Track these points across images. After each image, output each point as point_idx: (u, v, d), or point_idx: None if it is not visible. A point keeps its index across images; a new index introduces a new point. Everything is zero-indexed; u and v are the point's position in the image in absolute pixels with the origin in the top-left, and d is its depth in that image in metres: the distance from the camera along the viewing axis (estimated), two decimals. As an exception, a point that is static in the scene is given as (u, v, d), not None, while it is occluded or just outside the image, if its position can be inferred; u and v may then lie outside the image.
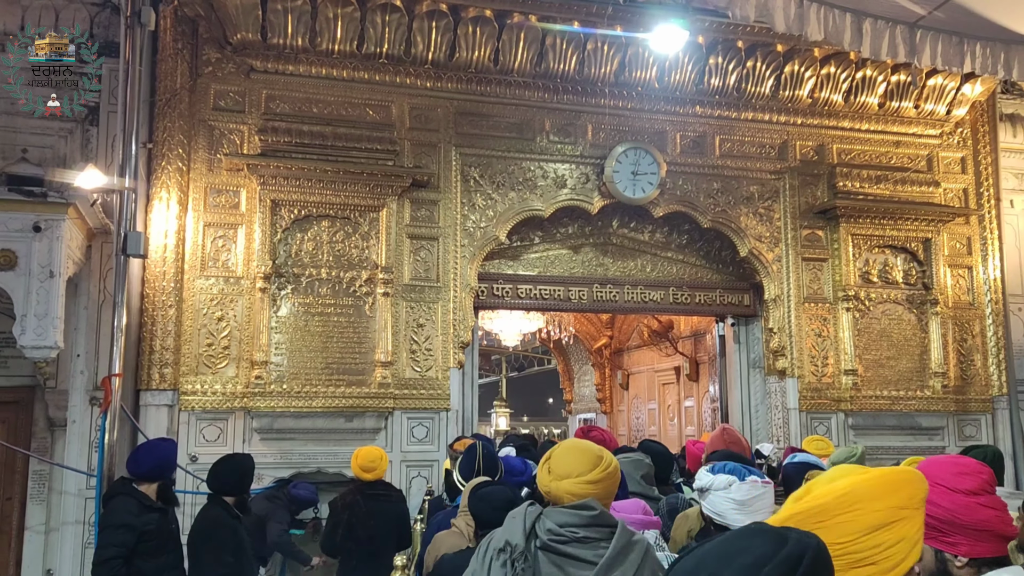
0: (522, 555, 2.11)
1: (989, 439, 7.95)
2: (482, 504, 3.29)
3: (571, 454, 2.31)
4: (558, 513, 2.16)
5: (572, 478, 2.23)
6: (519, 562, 2.10)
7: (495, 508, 3.13)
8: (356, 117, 6.93)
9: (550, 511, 2.19)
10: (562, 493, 2.23)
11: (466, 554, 3.27)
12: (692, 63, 7.40)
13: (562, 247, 7.77)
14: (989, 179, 8.23)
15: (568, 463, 2.27)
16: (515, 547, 2.14)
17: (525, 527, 2.17)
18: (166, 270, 6.34)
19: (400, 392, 6.70)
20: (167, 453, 4.81)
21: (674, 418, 11.00)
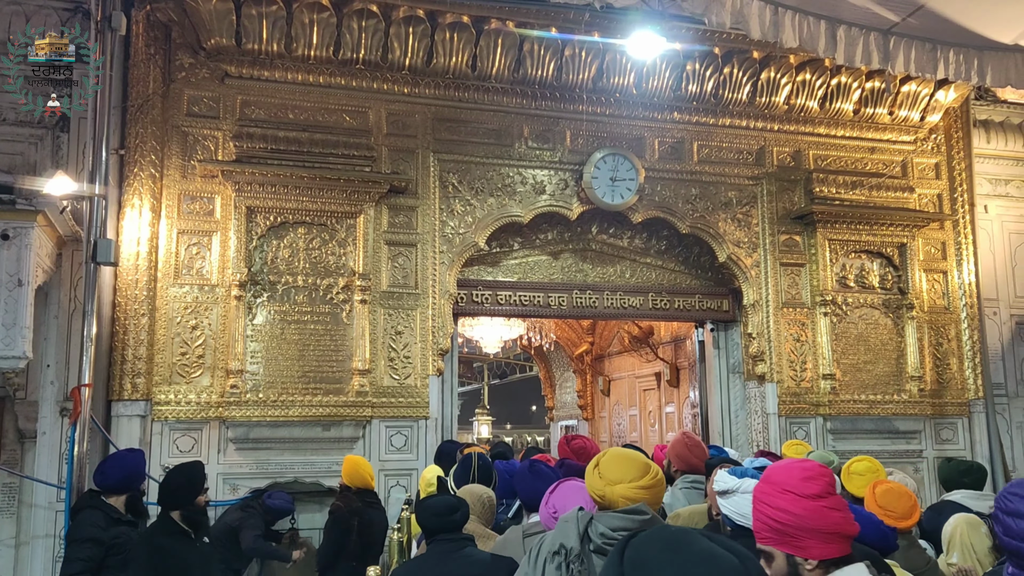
0: (577, 557, 2.18)
1: (965, 443, 8.01)
2: (424, 512, 3.28)
3: (621, 461, 2.40)
4: (610, 517, 2.23)
5: (625, 483, 2.31)
6: (575, 564, 2.17)
7: (436, 514, 3.18)
8: (333, 123, 6.88)
9: (601, 515, 2.26)
10: (616, 497, 2.29)
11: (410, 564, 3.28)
12: (669, 69, 7.42)
13: (542, 253, 7.75)
14: (963, 184, 8.30)
15: (619, 469, 2.35)
16: (570, 550, 2.21)
17: (579, 530, 2.24)
18: (138, 278, 6.25)
19: (378, 400, 6.64)
20: (134, 464, 4.69)
21: (655, 424, 10.98)
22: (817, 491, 1.87)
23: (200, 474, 4.46)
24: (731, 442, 7.85)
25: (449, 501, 3.30)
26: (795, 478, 1.89)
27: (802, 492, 1.86)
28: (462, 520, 3.24)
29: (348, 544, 5.22)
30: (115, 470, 4.53)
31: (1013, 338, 8.48)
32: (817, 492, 1.87)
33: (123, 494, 4.49)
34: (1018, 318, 8.53)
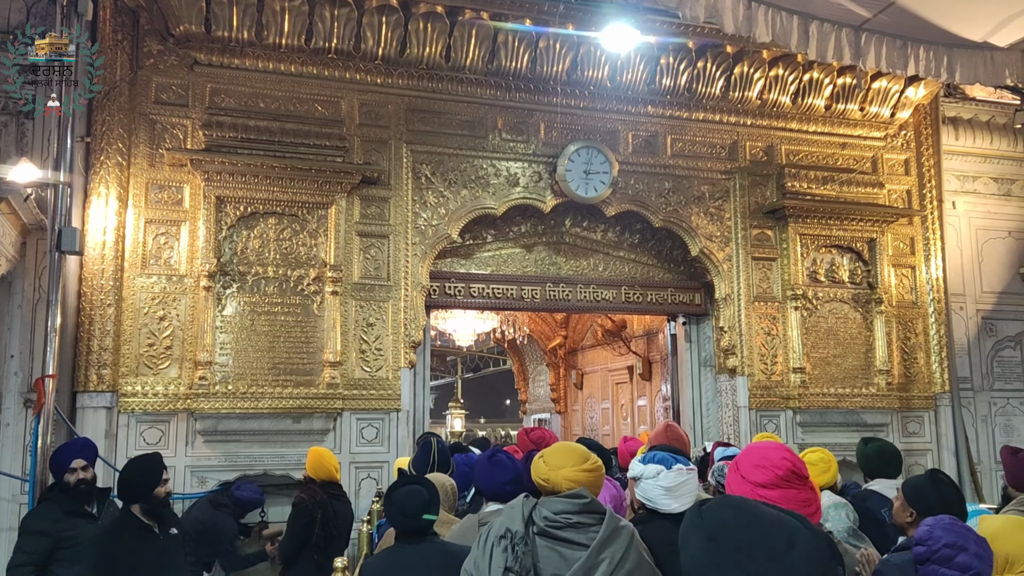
0: (522, 540, 2.33)
1: (932, 436, 8.12)
2: (393, 509, 3.25)
3: (563, 450, 2.64)
4: (553, 502, 2.40)
5: (568, 467, 2.52)
6: (519, 546, 2.32)
7: (405, 515, 3.18)
8: (304, 112, 6.81)
9: (545, 500, 2.42)
10: (561, 480, 2.49)
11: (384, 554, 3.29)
12: (644, 63, 7.42)
13: (515, 246, 7.74)
14: (932, 181, 8.40)
15: (561, 457, 2.57)
16: (515, 533, 2.36)
17: (524, 515, 2.40)
18: (105, 268, 6.15)
19: (349, 393, 6.60)
20: (54, 456, 4.63)
21: (627, 417, 11.04)
22: (762, 480, 1.97)
23: (157, 466, 4.34)
24: (702, 435, 7.90)
25: (421, 499, 3.22)
26: (749, 463, 2.03)
27: (748, 476, 2.00)
28: (430, 524, 3.22)
29: (312, 537, 5.17)
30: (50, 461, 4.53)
31: (979, 333, 8.61)
32: (761, 481, 1.97)
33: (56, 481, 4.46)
34: (984, 313, 8.66)
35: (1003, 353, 8.68)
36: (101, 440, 5.80)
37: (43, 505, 4.46)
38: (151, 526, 4.20)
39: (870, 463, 4.70)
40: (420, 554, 3.12)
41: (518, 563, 2.30)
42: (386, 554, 3.29)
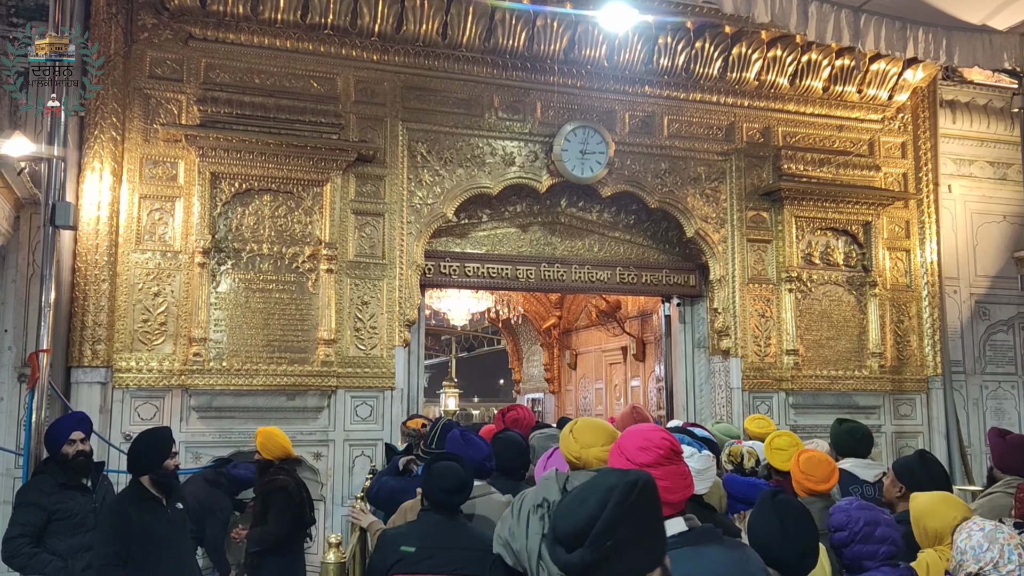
0: None
1: (923, 418, 8.17)
2: (432, 482, 3.30)
3: (593, 428, 2.74)
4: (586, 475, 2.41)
5: (598, 446, 2.63)
6: None
7: (443, 490, 3.24)
8: (300, 89, 6.77)
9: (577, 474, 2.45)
10: (591, 458, 2.63)
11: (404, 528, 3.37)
12: (641, 42, 7.38)
13: (510, 225, 7.73)
14: (928, 164, 8.39)
15: (591, 435, 2.68)
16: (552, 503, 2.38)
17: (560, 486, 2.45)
18: (99, 243, 6.13)
19: (344, 370, 6.60)
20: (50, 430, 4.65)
21: (620, 397, 11.08)
22: (646, 461, 2.10)
23: (167, 439, 4.41)
24: (695, 416, 7.94)
25: (459, 477, 3.28)
26: (633, 445, 2.15)
27: (632, 458, 2.12)
28: (464, 499, 3.33)
29: (304, 518, 5.19)
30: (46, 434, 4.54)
31: (972, 316, 8.65)
32: (645, 462, 2.09)
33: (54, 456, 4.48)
34: (977, 297, 8.70)
35: (996, 337, 8.72)
36: (95, 415, 5.79)
37: (37, 478, 4.49)
38: (160, 498, 4.25)
39: (842, 442, 4.85)
40: (447, 530, 3.22)
41: None
42: (414, 526, 3.33)
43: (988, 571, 2.44)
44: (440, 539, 3.19)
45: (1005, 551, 2.45)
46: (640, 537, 1.54)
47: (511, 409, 5.03)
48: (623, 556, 1.51)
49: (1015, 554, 2.44)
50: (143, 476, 4.25)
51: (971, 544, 2.51)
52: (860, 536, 2.60)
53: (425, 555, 3.17)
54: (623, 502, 1.53)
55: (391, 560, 3.20)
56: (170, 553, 4.24)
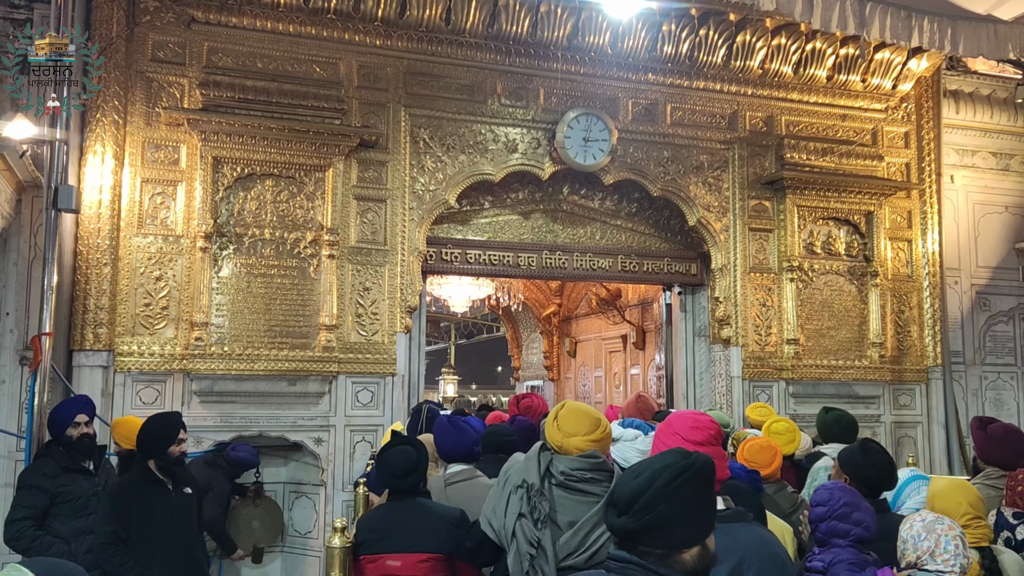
0: (538, 492, 2.65)
1: (923, 409, 8.19)
2: (383, 470, 3.46)
3: (576, 415, 2.80)
4: (568, 460, 2.69)
5: (580, 436, 2.72)
6: (535, 497, 2.63)
7: (393, 475, 3.40)
8: (302, 74, 6.74)
9: (560, 458, 2.69)
10: (572, 448, 2.72)
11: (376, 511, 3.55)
12: (645, 29, 7.35)
13: (512, 213, 7.71)
14: (931, 154, 8.38)
15: (574, 424, 2.75)
16: (531, 485, 2.67)
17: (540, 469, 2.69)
18: (101, 226, 6.11)
19: (345, 356, 6.61)
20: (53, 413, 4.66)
21: (620, 386, 11.10)
22: (699, 439, 2.32)
23: (175, 424, 4.49)
24: (695, 405, 7.95)
25: (408, 460, 3.40)
26: (686, 425, 2.37)
27: (687, 437, 2.34)
28: (416, 482, 3.43)
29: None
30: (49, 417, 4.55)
31: (973, 307, 8.66)
32: (699, 440, 2.31)
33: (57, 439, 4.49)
34: (978, 288, 8.70)
35: (996, 328, 8.73)
36: (97, 399, 5.79)
37: (40, 461, 4.50)
38: (165, 483, 4.30)
39: (829, 429, 5.03)
40: (408, 512, 3.33)
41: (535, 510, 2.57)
42: (378, 511, 3.49)
43: (925, 560, 2.57)
44: (402, 520, 3.30)
45: (942, 541, 2.57)
46: (681, 516, 1.67)
47: (525, 396, 5.13)
48: (662, 531, 1.66)
49: (951, 544, 2.55)
50: (149, 459, 4.28)
51: (911, 534, 2.65)
52: (837, 514, 2.73)
53: (385, 535, 3.29)
54: (669, 483, 1.68)
55: (357, 543, 3.35)
56: (172, 536, 4.28)
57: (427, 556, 3.23)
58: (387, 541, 3.28)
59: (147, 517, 4.19)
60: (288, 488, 6.79)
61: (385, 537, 3.29)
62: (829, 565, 2.66)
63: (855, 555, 2.66)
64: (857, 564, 2.63)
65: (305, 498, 6.73)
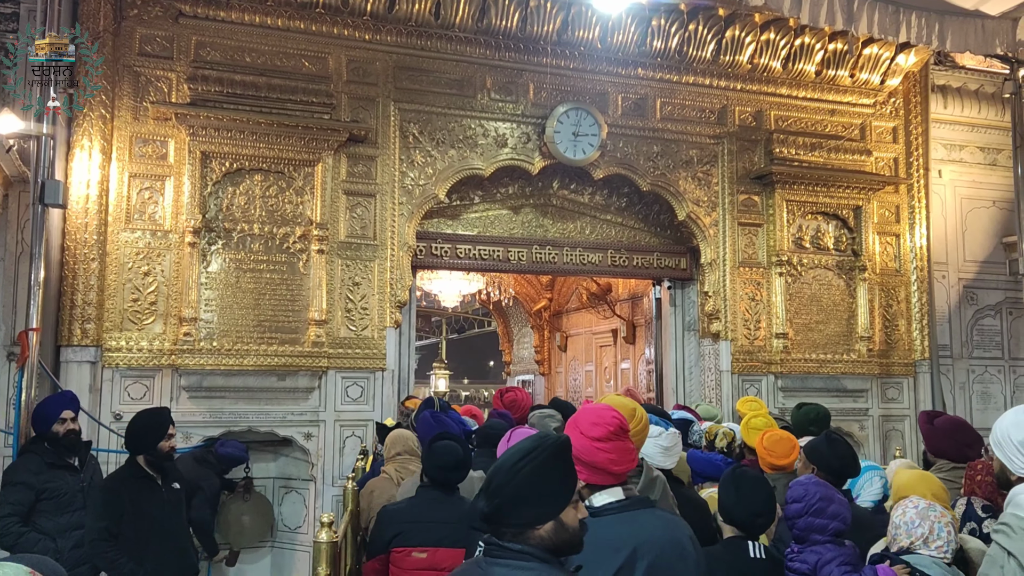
0: None
1: (910, 402, 8.24)
2: (432, 460, 3.42)
3: None
4: None
5: None
6: None
7: (443, 468, 3.37)
8: (291, 68, 6.72)
9: None
10: None
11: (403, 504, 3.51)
12: (635, 24, 7.36)
13: (502, 207, 7.71)
14: (919, 149, 8.42)
15: None
16: None
17: None
18: (88, 222, 6.09)
19: (335, 351, 6.60)
20: (40, 408, 4.64)
21: (610, 380, 11.12)
22: (597, 435, 2.31)
23: (164, 420, 4.46)
24: (684, 398, 7.98)
25: (456, 455, 3.40)
26: (586, 421, 2.36)
27: (586, 432, 2.32)
28: (462, 478, 3.45)
29: None
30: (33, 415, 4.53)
31: (960, 301, 8.71)
32: (597, 436, 2.31)
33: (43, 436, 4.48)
34: (966, 282, 8.75)
35: (983, 322, 8.79)
36: (85, 394, 5.80)
37: (25, 457, 4.48)
38: (155, 478, 4.30)
39: (800, 424, 5.08)
40: (447, 505, 3.33)
41: None
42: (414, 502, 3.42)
43: (918, 546, 2.61)
44: (437, 514, 3.29)
45: (935, 528, 2.61)
46: (527, 496, 1.78)
47: (509, 391, 5.14)
48: (512, 511, 1.78)
49: (944, 531, 2.60)
50: (138, 455, 4.27)
51: (905, 520, 2.68)
52: (813, 509, 2.77)
53: (423, 528, 3.27)
54: (514, 465, 1.79)
55: (390, 534, 3.30)
56: (162, 532, 4.29)
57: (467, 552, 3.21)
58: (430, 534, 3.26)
59: (138, 513, 4.19)
60: (278, 483, 6.80)
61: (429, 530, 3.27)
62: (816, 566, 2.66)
63: (839, 551, 2.69)
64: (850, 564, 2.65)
65: (295, 493, 6.73)
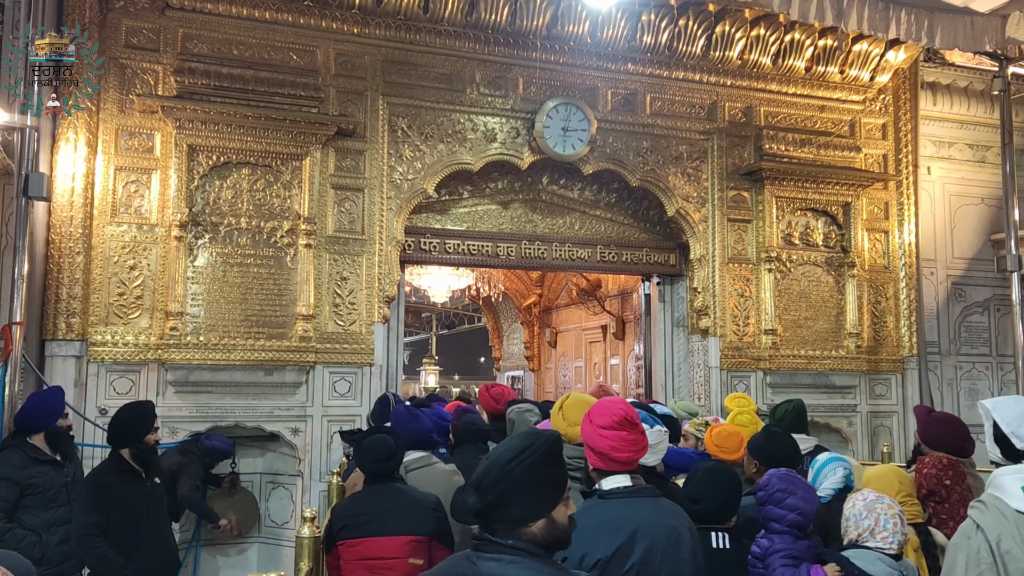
0: None
1: (898, 398, 8.26)
2: (363, 456, 3.51)
3: (579, 407, 2.92)
4: (572, 448, 2.77)
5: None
6: None
7: (374, 461, 3.45)
8: (279, 61, 6.67)
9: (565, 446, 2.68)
10: (575, 435, 2.86)
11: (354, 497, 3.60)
12: (625, 19, 7.34)
13: (491, 202, 7.69)
14: (908, 146, 8.43)
15: (579, 413, 2.86)
16: None
17: None
18: (73, 215, 6.04)
19: (322, 346, 6.57)
20: (44, 400, 4.61)
21: (600, 376, 11.12)
22: (604, 424, 2.50)
23: (149, 413, 4.46)
24: (673, 394, 7.98)
25: (387, 447, 3.46)
26: (596, 411, 2.56)
27: (595, 421, 2.52)
28: (395, 468, 3.50)
29: None
30: (26, 408, 4.47)
31: (948, 298, 8.74)
32: (603, 424, 2.50)
33: (39, 432, 4.43)
34: (954, 279, 8.78)
35: (971, 318, 8.82)
36: (70, 389, 5.76)
37: (7, 452, 4.43)
38: (139, 471, 4.26)
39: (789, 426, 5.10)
40: (388, 496, 3.38)
41: None
42: (356, 497, 3.52)
43: (866, 537, 2.75)
44: (377, 505, 3.35)
45: (881, 520, 2.75)
46: (519, 494, 1.81)
47: (494, 386, 5.23)
48: (504, 507, 1.81)
49: (890, 523, 2.74)
50: (123, 449, 4.24)
51: (853, 512, 2.83)
52: (772, 499, 2.93)
53: (363, 520, 3.33)
54: (507, 463, 1.82)
55: (336, 528, 3.38)
56: (148, 526, 4.28)
57: (410, 538, 3.28)
58: (369, 525, 3.32)
59: (125, 507, 4.17)
60: (265, 479, 6.76)
61: (368, 521, 3.32)
62: (766, 552, 2.81)
63: (790, 543, 2.81)
64: (794, 556, 2.78)
65: (282, 488, 6.70)
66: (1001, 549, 2.13)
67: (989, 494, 2.30)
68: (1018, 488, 2.21)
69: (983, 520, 2.21)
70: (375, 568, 3.27)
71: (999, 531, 2.15)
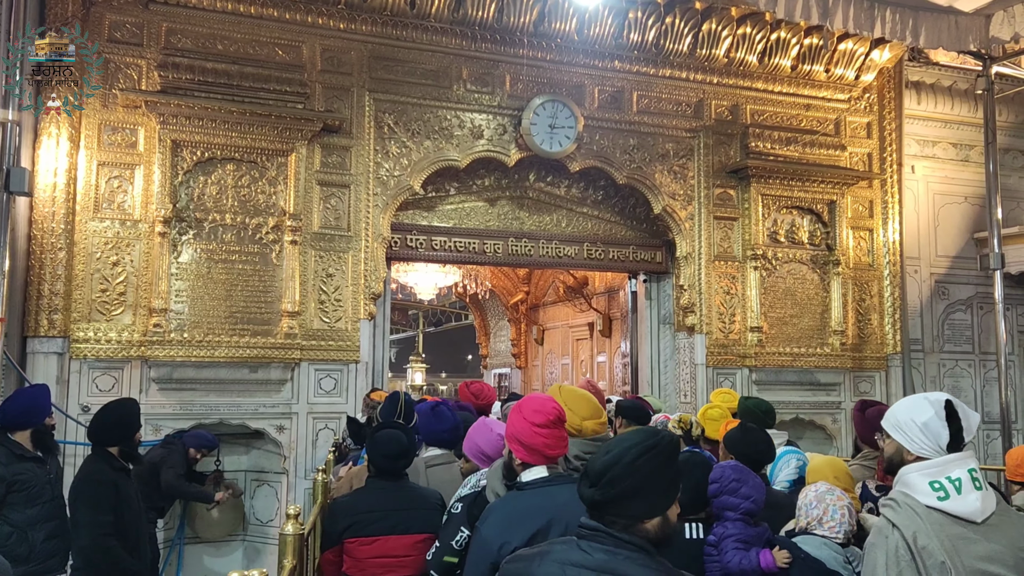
0: None
1: (882, 395, 8.30)
2: (375, 449, 3.45)
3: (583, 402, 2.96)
4: (582, 443, 2.83)
5: (593, 419, 2.90)
6: None
7: (386, 456, 3.40)
8: (264, 57, 6.64)
9: (574, 441, 2.81)
10: (587, 428, 2.91)
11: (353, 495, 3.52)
12: (612, 16, 7.34)
13: (478, 199, 7.68)
14: (893, 144, 8.48)
15: (584, 408, 2.91)
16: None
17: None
18: (55, 210, 5.98)
19: (307, 343, 6.55)
20: (34, 399, 4.56)
21: (587, 373, 11.13)
22: (537, 421, 2.55)
23: (137, 410, 4.44)
24: (659, 391, 8.00)
25: (400, 444, 3.43)
26: (530, 408, 2.59)
27: (527, 418, 2.56)
28: (407, 466, 3.48)
29: None
30: (14, 405, 4.42)
31: (932, 296, 8.79)
32: (536, 422, 2.55)
33: (25, 429, 4.38)
34: (937, 277, 8.83)
35: (954, 316, 8.88)
36: (53, 386, 5.69)
37: None
38: (128, 469, 4.30)
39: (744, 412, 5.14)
40: (392, 493, 3.36)
41: None
42: (363, 493, 3.45)
43: (814, 526, 2.87)
44: (388, 502, 3.31)
45: (829, 510, 2.88)
46: (643, 490, 1.84)
47: (473, 383, 5.22)
48: (626, 502, 1.84)
49: (838, 513, 2.87)
50: (112, 447, 4.22)
51: (805, 502, 2.95)
52: (727, 489, 3.00)
53: (375, 518, 3.28)
54: (635, 460, 1.84)
55: (342, 526, 3.30)
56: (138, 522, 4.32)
57: (423, 536, 3.25)
58: (382, 523, 3.28)
59: (123, 504, 4.18)
60: (250, 476, 6.73)
61: (380, 519, 3.29)
62: (720, 538, 2.91)
63: (743, 529, 2.92)
64: (744, 541, 2.88)
65: (267, 486, 6.67)
66: (918, 545, 2.17)
67: (899, 491, 2.33)
68: (926, 484, 2.25)
69: (897, 518, 2.25)
70: (390, 566, 3.26)
71: (914, 528, 2.20)
